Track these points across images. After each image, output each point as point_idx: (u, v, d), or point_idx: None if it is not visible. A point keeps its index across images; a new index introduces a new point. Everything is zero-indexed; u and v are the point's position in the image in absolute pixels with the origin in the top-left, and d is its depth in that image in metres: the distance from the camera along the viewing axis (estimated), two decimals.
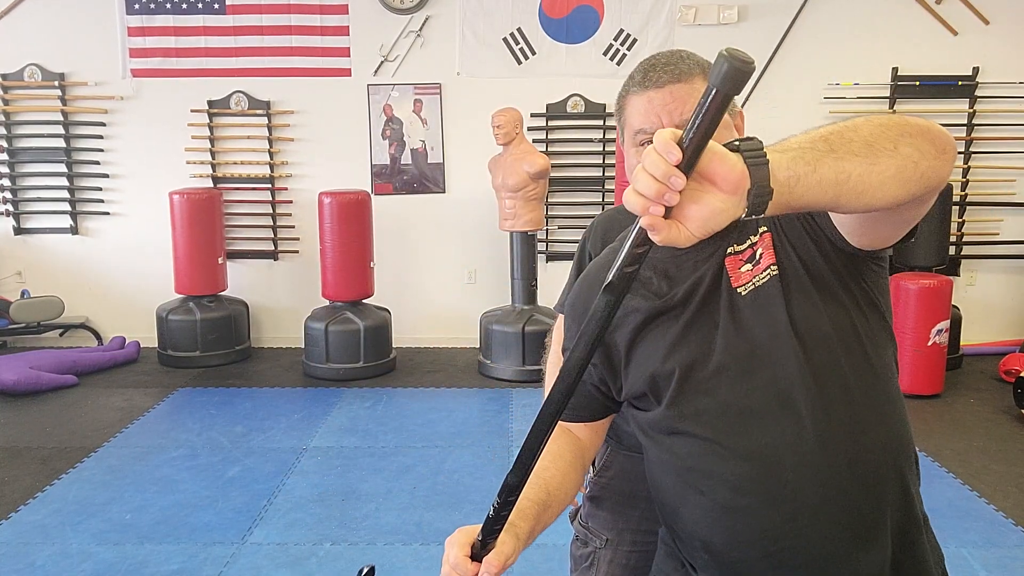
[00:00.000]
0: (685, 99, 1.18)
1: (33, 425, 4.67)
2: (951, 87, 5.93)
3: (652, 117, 1.19)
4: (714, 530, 1.17)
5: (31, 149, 6.15)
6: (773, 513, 1.13)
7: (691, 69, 1.20)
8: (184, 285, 5.79)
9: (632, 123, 1.23)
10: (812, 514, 1.13)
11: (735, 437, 1.15)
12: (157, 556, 3.23)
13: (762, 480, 1.14)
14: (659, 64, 1.21)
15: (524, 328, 5.37)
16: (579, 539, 1.96)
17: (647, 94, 1.20)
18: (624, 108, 1.26)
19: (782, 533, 1.13)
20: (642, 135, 1.21)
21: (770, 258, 1.17)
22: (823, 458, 1.12)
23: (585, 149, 6.10)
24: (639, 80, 1.22)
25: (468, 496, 3.74)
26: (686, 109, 1.17)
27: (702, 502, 1.18)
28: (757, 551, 1.15)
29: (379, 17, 5.92)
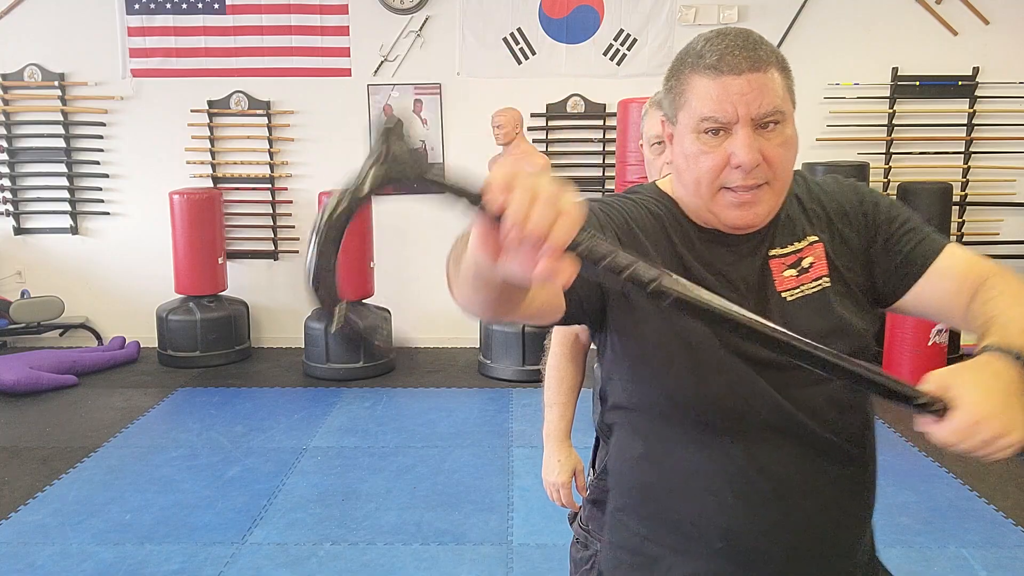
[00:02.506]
0: (763, 90, 1.09)
1: (33, 425, 4.67)
2: (951, 87, 5.93)
3: (727, 106, 1.09)
4: (735, 516, 1.17)
5: (31, 149, 6.14)
6: (800, 504, 1.17)
7: (768, 57, 1.11)
8: (184, 285, 5.79)
9: (699, 108, 1.11)
10: (822, 512, 1.18)
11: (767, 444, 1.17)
12: (157, 556, 3.23)
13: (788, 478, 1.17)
14: (735, 47, 1.09)
15: (524, 328, 5.37)
16: (579, 542, 1.96)
17: (722, 80, 1.09)
18: (686, 89, 1.13)
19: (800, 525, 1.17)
20: (710, 123, 1.10)
21: (822, 269, 1.18)
22: (839, 470, 1.19)
23: (585, 149, 6.10)
24: (712, 63, 1.09)
25: (468, 496, 3.74)
26: (764, 101, 1.09)
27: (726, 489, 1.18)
28: (782, 540, 1.18)
29: (379, 17, 5.92)
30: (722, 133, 1.10)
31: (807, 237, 1.19)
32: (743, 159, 1.09)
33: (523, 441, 4.36)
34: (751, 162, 1.09)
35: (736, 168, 1.10)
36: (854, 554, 1.23)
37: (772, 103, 1.09)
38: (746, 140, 1.09)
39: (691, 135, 1.13)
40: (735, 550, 1.18)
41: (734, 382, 1.13)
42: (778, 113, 1.10)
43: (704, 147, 1.11)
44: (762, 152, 1.10)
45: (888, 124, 5.96)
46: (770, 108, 1.09)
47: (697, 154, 1.12)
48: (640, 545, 1.25)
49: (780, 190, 1.15)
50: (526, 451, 4.23)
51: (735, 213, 1.13)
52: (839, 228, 1.21)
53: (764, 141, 1.10)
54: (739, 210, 1.13)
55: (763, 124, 1.10)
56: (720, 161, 1.11)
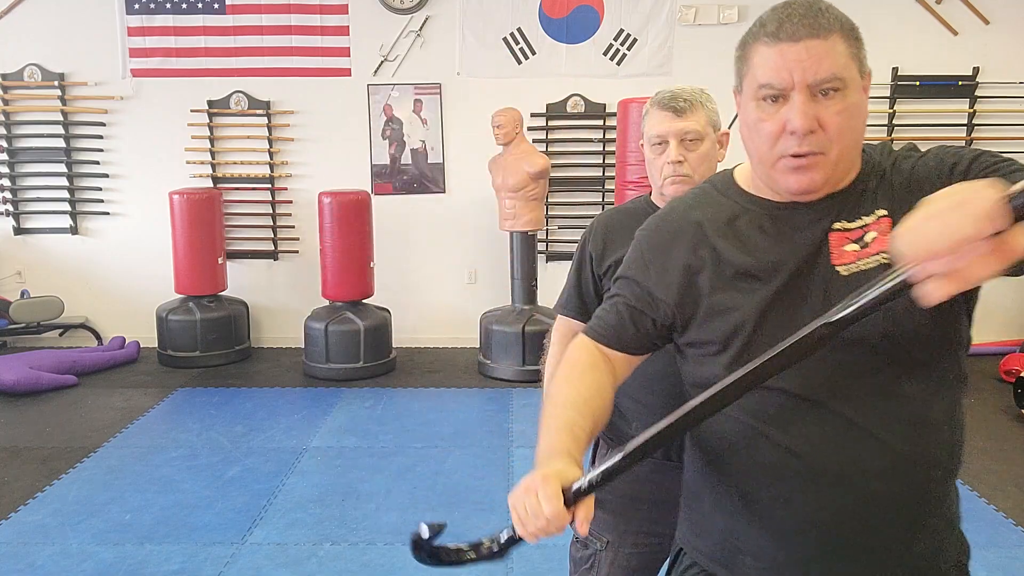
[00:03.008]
0: (822, 57, 1.08)
1: (33, 425, 4.67)
2: (951, 87, 5.93)
3: (784, 73, 1.10)
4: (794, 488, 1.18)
5: (31, 149, 6.14)
6: (851, 492, 1.15)
7: (830, 24, 1.10)
8: (184, 285, 5.79)
9: (757, 75, 1.12)
10: (877, 501, 1.16)
11: (797, 424, 1.16)
12: (157, 556, 3.23)
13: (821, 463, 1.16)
14: (796, 15, 1.10)
15: (524, 328, 5.37)
16: (579, 541, 1.96)
17: (779, 46, 1.10)
18: (749, 57, 1.15)
19: (852, 513, 1.16)
20: (768, 90, 1.11)
21: (883, 244, 1.13)
22: (884, 456, 1.15)
23: (585, 149, 6.10)
24: (772, 30, 1.11)
25: (468, 496, 3.74)
26: (821, 68, 1.08)
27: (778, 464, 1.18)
28: (823, 524, 1.17)
29: (379, 17, 5.92)
30: (781, 100, 1.12)
31: (876, 211, 1.16)
32: (796, 125, 1.10)
33: (523, 441, 4.36)
34: (804, 128, 1.09)
35: (791, 134, 1.11)
36: (900, 553, 1.19)
37: (830, 69, 1.09)
38: (801, 106, 1.09)
39: (752, 103, 1.15)
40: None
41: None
42: (837, 80, 1.10)
43: (763, 114, 1.14)
44: (819, 119, 1.10)
45: (888, 124, 5.96)
46: (827, 75, 1.09)
47: (756, 121, 1.15)
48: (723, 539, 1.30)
49: (838, 158, 1.13)
50: (526, 451, 4.23)
51: (792, 178, 1.14)
52: (909, 195, 1.13)
53: (821, 108, 1.10)
54: (796, 174, 1.14)
55: (822, 91, 1.10)
56: (777, 128, 1.12)
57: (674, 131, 1.77)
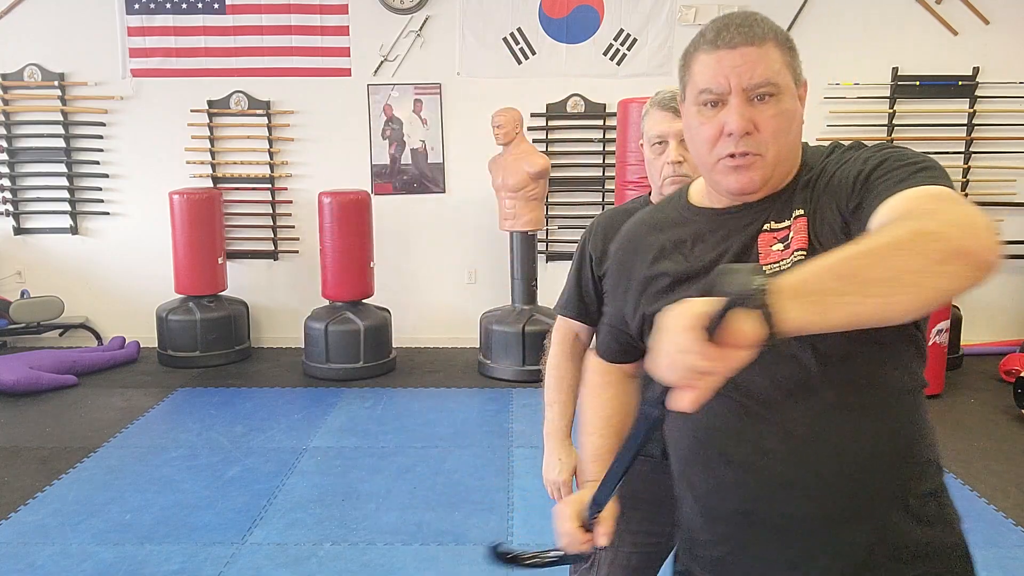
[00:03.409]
0: (756, 63, 1.14)
1: (33, 425, 4.67)
2: (951, 87, 5.93)
3: (720, 78, 1.15)
4: (706, 481, 1.26)
5: (31, 149, 6.15)
6: (753, 477, 1.20)
7: (765, 33, 1.16)
8: (184, 285, 5.79)
9: (697, 81, 1.19)
10: (787, 486, 1.18)
11: (730, 417, 1.20)
12: (157, 556, 3.23)
13: (750, 449, 1.20)
14: (732, 24, 1.17)
15: (524, 328, 5.37)
16: None
17: (717, 53, 1.16)
18: (690, 65, 1.21)
19: (757, 496, 1.20)
20: (707, 95, 1.17)
21: (800, 243, 1.16)
22: (809, 448, 1.17)
23: (585, 149, 6.10)
24: (710, 39, 1.18)
25: (468, 496, 3.74)
26: (756, 73, 1.14)
27: (702, 452, 1.26)
28: (732, 505, 1.23)
29: (379, 17, 5.92)
30: (719, 105, 1.17)
31: (795, 212, 1.19)
32: (733, 126, 1.14)
33: (523, 441, 4.36)
34: (740, 128, 1.14)
35: (728, 136, 1.15)
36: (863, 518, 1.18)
37: (764, 75, 1.14)
38: (737, 108, 1.14)
39: (693, 108, 1.21)
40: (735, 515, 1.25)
41: None
42: (771, 85, 1.14)
43: (702, 118, 1.19)
44: (754, 122, 1.15)
45: (888, 124, 5.96)
46: (762, 79, 1.14)
47: (697, 126, 1.20)
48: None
49: (774, 160, 1.17)
50: (526, 451, 4.23)
51: (732, 178, 1.18)
52: (826, 197, 1.16)
53: (757, 112, 1.15)
54: (735, 174, 1.18)
55: (757, 96, 1.15)
56: (715, 131, 1.17)
57: (674, 131, 1.77)
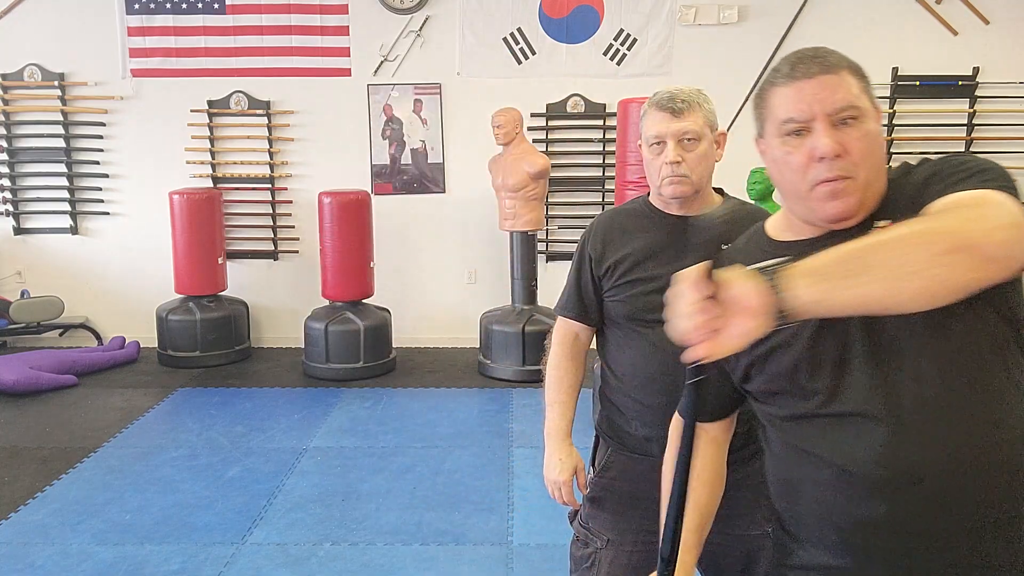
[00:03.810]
0: (835, 89, 1.18)
1: (33, 425, 4.67)
2: (951, 87, 5.93)
3: (802, 106, 1.18)
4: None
5: (31, 149, 6.15)
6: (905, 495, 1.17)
7: (839, 62, 1.20)
8: (184, 285, 5.79)
9: (778, 114, 1.21)
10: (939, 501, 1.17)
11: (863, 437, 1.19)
12: (157, 556, 3.23)
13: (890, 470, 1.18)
14: (806, 57, 1.21)
15: (524, 328, 5.37)
16: (579, 540, 1.96)
17: (796, 84, 1.19)
18: (767, 100, 1.24)
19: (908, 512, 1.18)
20: (790, 124, 1.20)
21: None
22: (961, 460, 1.16)
23: (585, 149, 6.10)
24: (787, 72, 1.21)
25: (468, 496, 3.74)
26: (837, 98, 1.17)
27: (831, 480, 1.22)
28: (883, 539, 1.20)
29: (379, 17, 5.92)
30: (804, 133, 1.19)
31: (876, 224, 1.21)
32: (823, 149, 1.16)
33: (523, 441, 4.36)
34: (831, 151, 1.16)
35: (820, 160, 1.17)
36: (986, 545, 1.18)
37: (845, 99, 1.17)
38: (824, 132, 1.17)
39: (776, 140, 1.22)
40: (848, 543, 1.22)
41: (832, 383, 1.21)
42: (853, 108, 1.17)
43: (789, 148, 1.21)
44: (843, 144, 1.16)
45: (888, 124, 5.96)
46: (844, 103, 1.17)
47: (784, 156, 1.21)
48: (777, 534, 1.38)
49: (866, 183, 1.19)
50: (526, 451, 4.23)
51: (830, 204, 1.19)
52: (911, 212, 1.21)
53: (843, 135, 1.17)
54: (832, 200, 1.19)
55: (841, 120, 1.17)
56: (805, 158, 1.19)
57: (672, 132, 1.77)
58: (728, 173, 2.38)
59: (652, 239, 1.85)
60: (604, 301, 1.92)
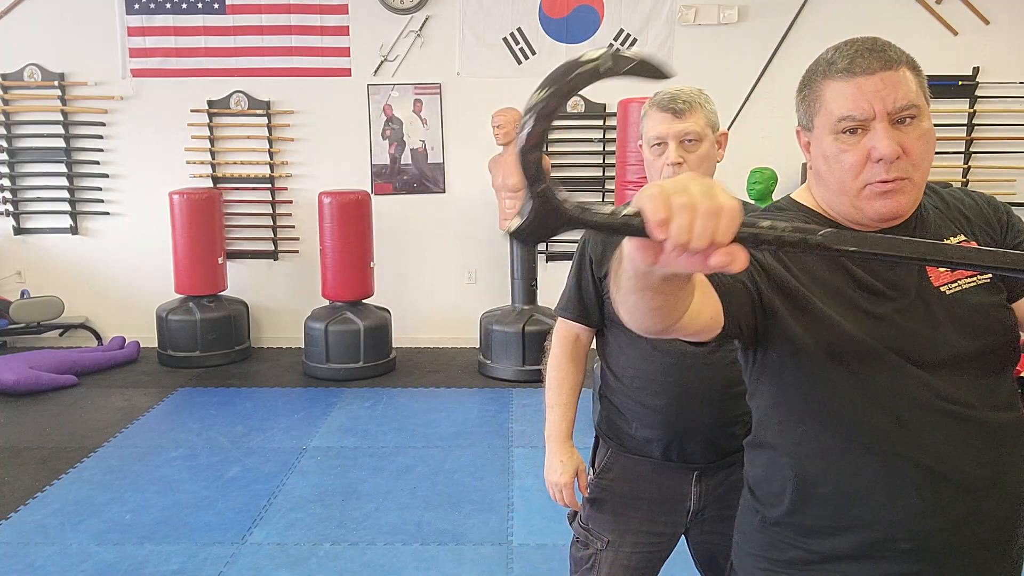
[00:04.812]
0: (897, 86, 1.14)
1: (33, 425, 4.67)
2: (951, 87, 5.93)
3: (863, 104, 1.14)
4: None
5: (31, 149, 6.14)
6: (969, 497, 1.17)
7: (899, 57, 1.16)
8: (184, 285, 5.79)
9: (834, 110, 1.17)
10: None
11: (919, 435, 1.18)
12: (157, 556, 3.23)
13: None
14: (865, 50, 1.16)
15: (524, 328, 5.37)
16: (579, 541, 1.96)
17: (855, 80, 1.15)
18: (821, 94, 1.19)
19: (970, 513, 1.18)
20: (848, 122, 1.15)
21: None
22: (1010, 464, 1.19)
23: (585, 149, 6.10)
24: (844, 66, 1.16)
25: (468, 496, 3.74)
26: (899, 96, 1.13)
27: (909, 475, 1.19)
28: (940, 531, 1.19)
29: (379, 17, 5.92)
30: (860, 131, 1.16)
31: (956, 237, 1.22)
32: (884, 151, 1.13)
33: (523, 441, 4.36)
34: (892, 153, 1.13)
35: (877, 162, 1.14)
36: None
37: (907, 97, 1.14)
38: (885, 133, 1.13)
39: (829, 136, 1.18)
40: (923, 549, 1.19)
41: (893, 383, 1.18)
42: (913, 107, 1.14)
43: (844, 146, 1.17)
44: (901, 145, 1.14)
45: None
46: (905, 102, 1.14)
47: (837, 153, 1.17)
48: (808, 557, 1.25)
49: (920, 183, 1.18)
50: (526, 451, 4.23)
51: (880, 203, 1.17)
52: (982, 232, 1.25)
53: (902, 135, 1.14)
54: (883, 199, 1.16)
55: (900, 119, 1.14)
56: (861, 157, 1.16)
57: (673, 132, 1.77)
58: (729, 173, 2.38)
59: None
60: (605, 302, 1.92)
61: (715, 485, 1.86)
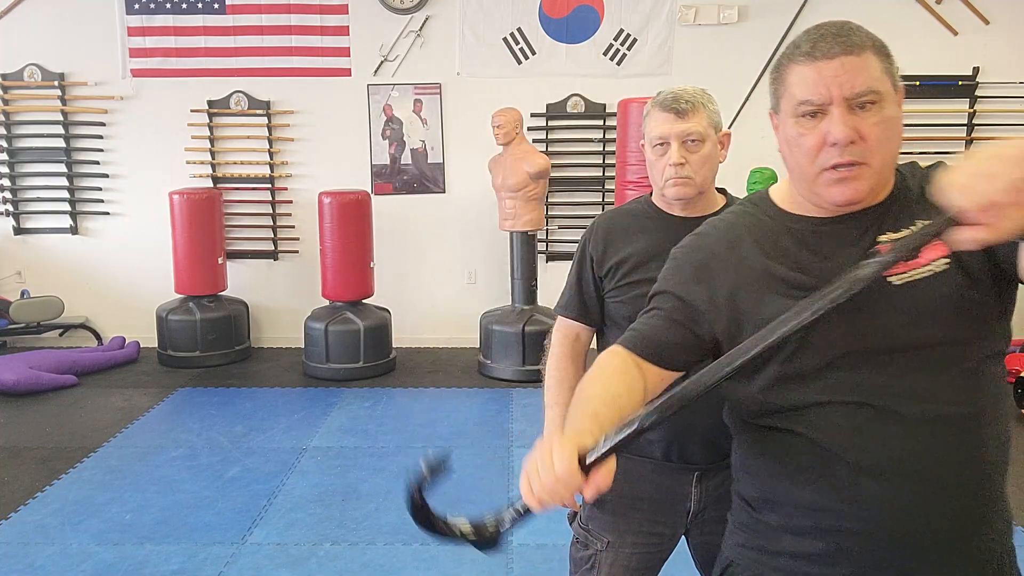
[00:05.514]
0: (857, 72, 1.14)
1: (33, 425, 4.67)
2: (951, 87, 5.93)
3: (821, 88, 1.14)
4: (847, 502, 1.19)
5: (31, 149, 6.14)
6: (902, 489, 1.16)
7: (863, 41, 1.16)
8: (184, 285, 5.79)
9: (795, 93, 1.17)
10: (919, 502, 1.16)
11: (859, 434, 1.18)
12: (157, 556, 3.23)
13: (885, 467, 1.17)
14: (829, 34, 1.16)
15: (524, 328, 5.37)
16: (579, 541, 1.96)
17: (816, 64, 1.15)
18: (785, 77, 1.20)
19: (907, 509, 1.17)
20: (807, 106, 1.16)
21: (932, 255, 1.16)
22: (937, 459, 1.16)
23: (585, 149, 6.10)
24: (807, 50, 1.16)
25: (468, 496, 3.74)
26: (857, 82, 1.13)
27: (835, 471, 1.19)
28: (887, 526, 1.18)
29: (379, 17, 5.92)
30: (819, 115, 1.16)
31: (919, 222, 1.19)
32: (837, 135, 1.14)
33: (523, 441, 4.36)
34: (845, 138, 1.13)
35: (832, 146, 1.15)
36: (970, 543, 1.19)
37: (866, 83, 1.14)
38: (840, 118, 1.14)
39: (791, 120, 1.19)
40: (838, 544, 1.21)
41: (821, 375, 1.19)
42: (873, 93, 1.15)
43: (803, 129, 1.18)
44: (858, 130, 1.14)
45: None
46: (864, 88, 1.14)
47: (797, 136, 1.18)
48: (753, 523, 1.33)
49: (880, 168, 1.18)
50: (526, 451, 4.20)
51: (836, 189, 1.17)
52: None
53: (860, 120, 1.14)
54: (839, 186, 1.17)
55: (859, 104, 1.15)
56: (818, 141, 1.16)
57: (676, 133, 1.77)
58: (729, 172, 2.38)
59: (655, 240, 1.84)
60: (606, 302, 1.92)
61: (715, 486, 1.86)
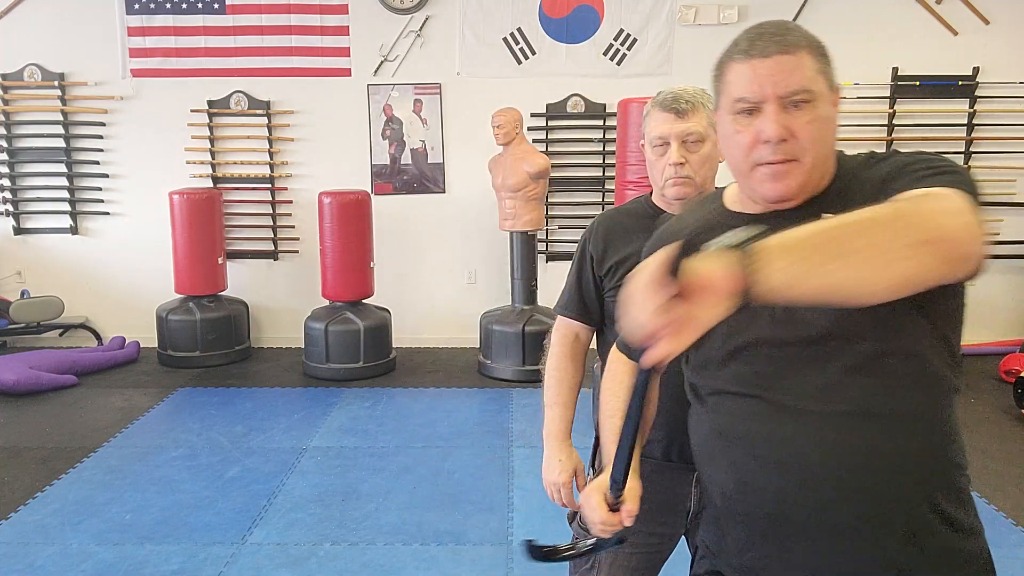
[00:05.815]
0: (791, 71, 1.16)
1: (33, 425, 4.67)
2: (951, 87, 5.93)
3: (755, 87, 1.17)
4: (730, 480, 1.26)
5: (31, 149, 6.14)
6: (785, 479, 1.19)
7: (798, 41, 1.18)
8: (184, 285, 5.79)
9: (732, 91, 1.21)
10: (818, 490, 1.18)
11: (761, 419, 1.21)
12: (157, 556, 3.23)
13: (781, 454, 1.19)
14: (766, 33, 1.19)
15: (524, 328, 5.37)
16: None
17: (751, 62, 1.18)
18: (724, 74, 1.23)
19: (788, 499, 1.20)
20: (742, 103, 1.19)
21: None
22: (840, 451, 1.16)
23: (585, 149, 6.10)
24: (744, 48, 1.19)
25: (468, 496, 3.74)
26: (791, 81, 1.15)
27: (729, 454, 1.26)
28: (765, 508, 1.22)
29: (379, 17, 5.92)
30: (755, 113, 1.18)
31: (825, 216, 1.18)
32: (769, 133, 1.16)
33: (523, 441, 4.36)
34: (776, 135, 1.15)
35: (765, 143, 1.17)
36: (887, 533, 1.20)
37: (799, 82, 1.16)
38: (772, 115, 1.16)
39: (728, 116, 1.22)
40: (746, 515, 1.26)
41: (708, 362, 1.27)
42: (806, 92, 1.16)
43: (738, 126, 1.20)
44: (790, 128, 1.16)
45: (888, 124, 5.96)
46: (797, 87, 1.16)
47: (732, 133, 1.21)
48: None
49: (812, 166, 1.19)
50: (526, 451, 4.23)
51: (768, 185, 1.20)
52: (857, 205, 1.17)
53: (792, 119, 1.16)
54: (772, 182, 1.19)
55: (793, 103, 1.16)
56: (752, 138, 1.18)
57: (675, 132, 1.77)
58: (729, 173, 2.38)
59: None
60: (605, 301, 1.92)
61: None
